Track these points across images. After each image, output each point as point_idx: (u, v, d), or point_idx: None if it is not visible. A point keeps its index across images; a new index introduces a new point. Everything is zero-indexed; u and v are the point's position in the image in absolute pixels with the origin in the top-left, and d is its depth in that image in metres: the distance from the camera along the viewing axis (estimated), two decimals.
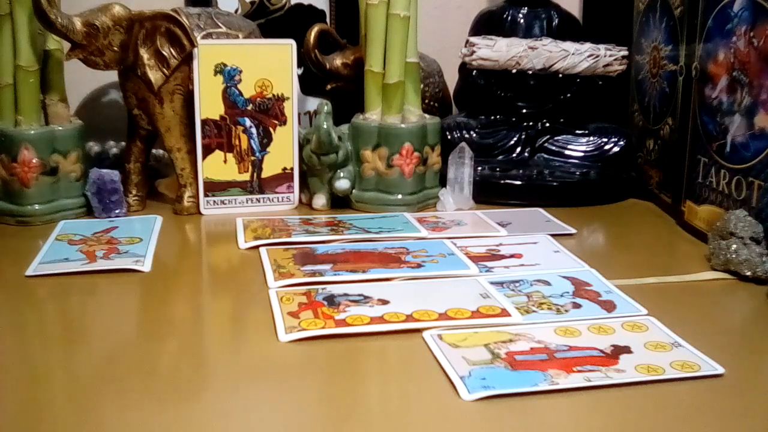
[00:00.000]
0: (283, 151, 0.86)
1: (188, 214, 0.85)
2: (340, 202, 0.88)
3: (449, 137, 0.94)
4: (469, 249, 0.72)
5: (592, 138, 0.95)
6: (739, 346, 0.54)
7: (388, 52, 0.85)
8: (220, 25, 0.90)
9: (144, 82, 0.82)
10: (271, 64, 0.85)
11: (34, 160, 0.79)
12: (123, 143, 0.92)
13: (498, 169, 0.92)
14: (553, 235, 0.77)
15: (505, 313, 0.57)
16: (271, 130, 0.86)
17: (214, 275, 0.69)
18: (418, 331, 0.54)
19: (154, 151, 0.93)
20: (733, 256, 0.66)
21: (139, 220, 0.82)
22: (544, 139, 0.96)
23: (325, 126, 0.81)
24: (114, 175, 0.81)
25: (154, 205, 0.88)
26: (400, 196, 0.86)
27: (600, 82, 0.96)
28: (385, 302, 0.58)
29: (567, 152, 0.95)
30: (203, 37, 0.87)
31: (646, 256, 0.74)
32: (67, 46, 0.80)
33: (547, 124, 0.96)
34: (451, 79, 1.04)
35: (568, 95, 0.97)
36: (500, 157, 0.95)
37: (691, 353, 0.51)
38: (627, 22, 1.01)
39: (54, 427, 0.42)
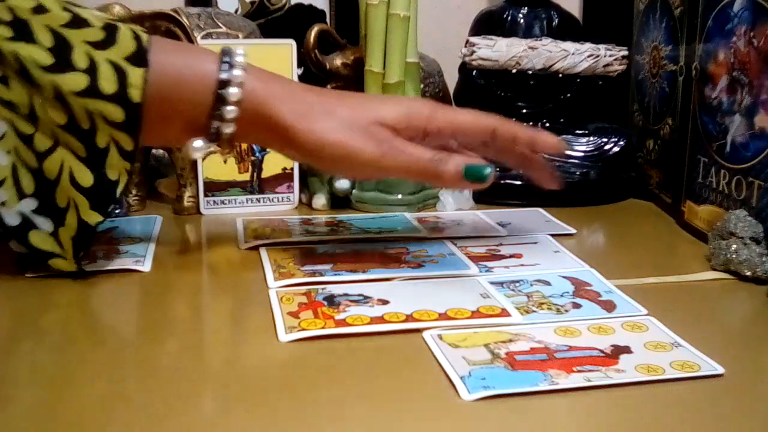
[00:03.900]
0: None
1: (188, 214, 0.85)
2: (340, 202, 0.87)
3: None
4: (469, 249, 0.72)
5: (592, 138, 0.95)
6: (739, 346, 0.54)
7: (388, 52, 0.85)
8: (220, 25, 0.90)
9: None
10: (271, 64, 0.84)
11: None
12: None
13: (498, 169, 0.92)
14: (553, 235, 0.77)
15: (505, 313, 0.57)
16: None
17: (214, 275, 0.69)
18: (418, 331, 0.54)
19: (154, 151, 0.93)
20: (733, 256, 0.66)
21: (139, 220, 0.82)
22: None
23: None
24: None
25: (154, 205, 0.88)
26: (400, 196, 0.86)
27: (600, 82, 0.96)
28: (385, 302, 0.58)
29: (567, 152, 0.95)
30: (203, 37, 0.87)
31: (646, 256, 0.74)
32: None
33: (547, 124, 0.96)
34: (451, 79, 1.04)
35: (568, 95, 0.97)
36: None
37: (691, 353, 0.51)
38: (627, 22, 1.01)
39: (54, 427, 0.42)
